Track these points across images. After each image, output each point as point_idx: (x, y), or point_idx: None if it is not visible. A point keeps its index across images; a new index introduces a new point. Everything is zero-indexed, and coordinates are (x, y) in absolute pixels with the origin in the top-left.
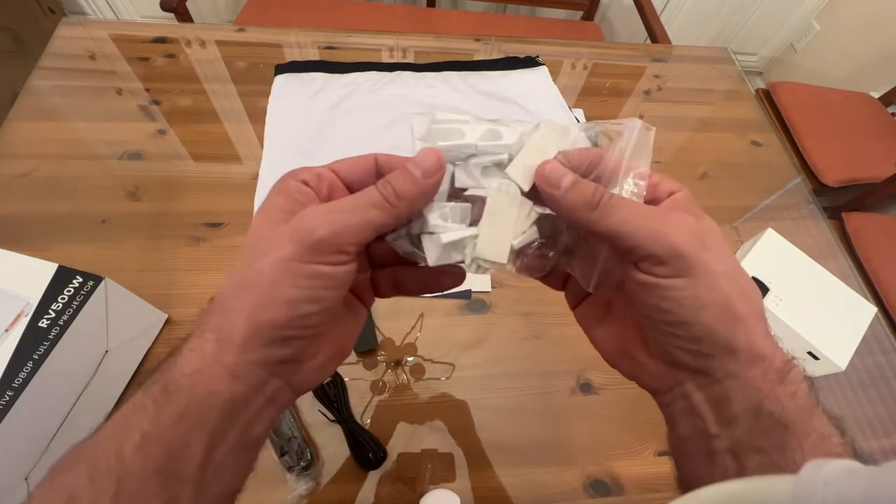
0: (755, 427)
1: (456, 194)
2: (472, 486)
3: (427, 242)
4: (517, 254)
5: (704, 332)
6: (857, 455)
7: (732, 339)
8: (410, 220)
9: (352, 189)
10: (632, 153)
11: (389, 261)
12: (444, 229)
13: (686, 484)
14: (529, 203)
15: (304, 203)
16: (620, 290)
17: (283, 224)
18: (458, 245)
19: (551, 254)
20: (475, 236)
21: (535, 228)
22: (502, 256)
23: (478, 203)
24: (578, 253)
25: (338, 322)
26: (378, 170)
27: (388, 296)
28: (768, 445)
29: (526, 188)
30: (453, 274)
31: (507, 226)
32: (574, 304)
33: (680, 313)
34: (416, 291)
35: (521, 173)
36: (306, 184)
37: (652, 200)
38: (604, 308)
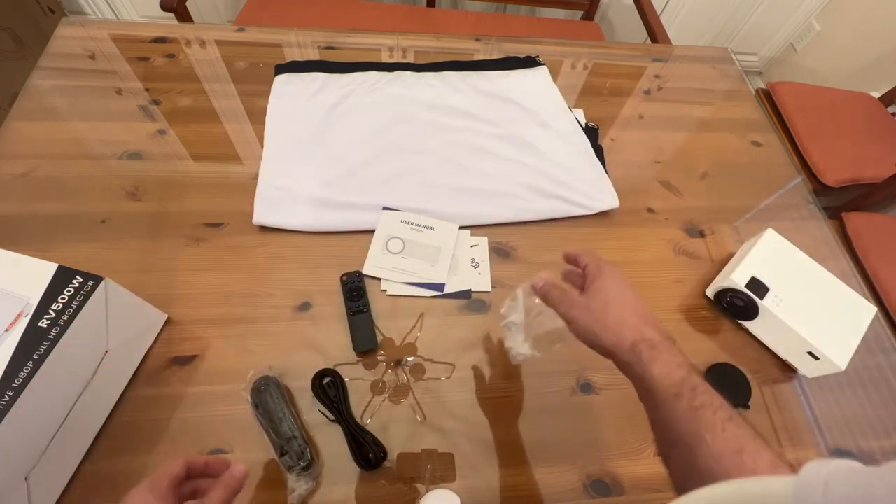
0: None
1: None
2: (472, 486)
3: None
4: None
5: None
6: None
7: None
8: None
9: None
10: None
11: None
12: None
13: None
14: (523, 333)
15: None
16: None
17: None
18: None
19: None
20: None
21: (529, 343)
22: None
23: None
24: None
25: None
26: (202, 472)
27: None
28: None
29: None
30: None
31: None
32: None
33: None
34: None
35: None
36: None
37: (584, 275)
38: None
